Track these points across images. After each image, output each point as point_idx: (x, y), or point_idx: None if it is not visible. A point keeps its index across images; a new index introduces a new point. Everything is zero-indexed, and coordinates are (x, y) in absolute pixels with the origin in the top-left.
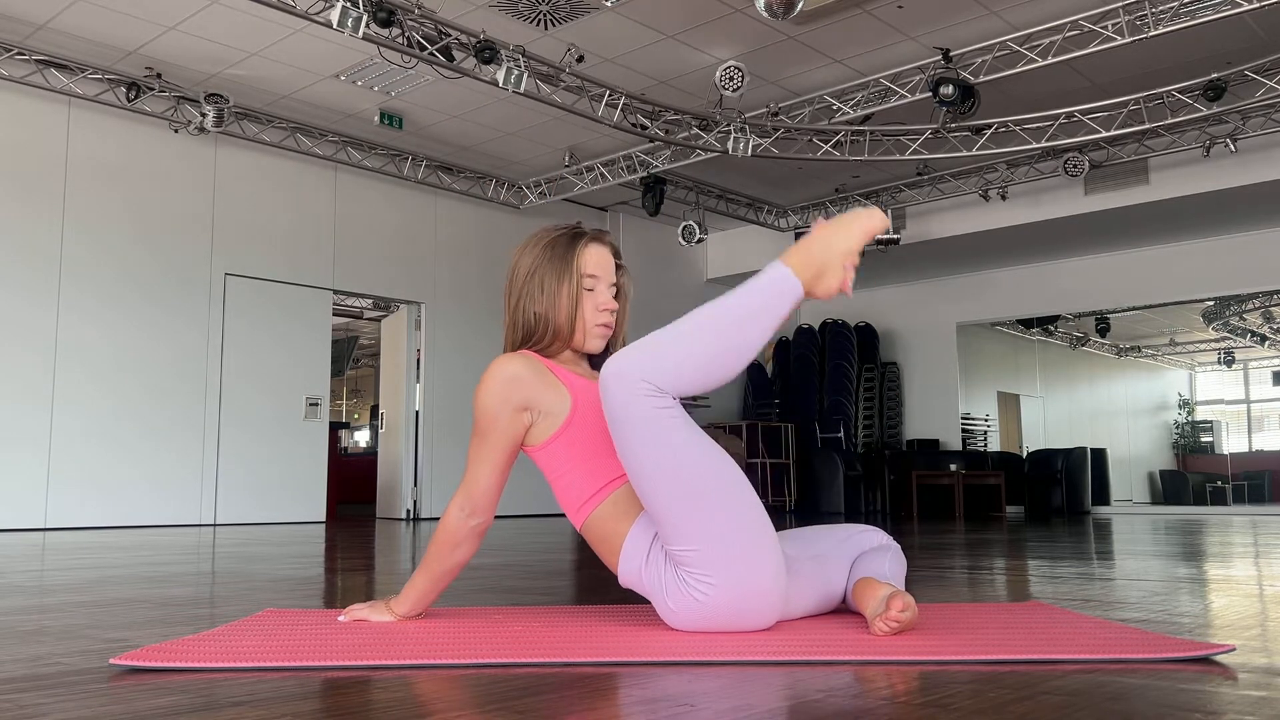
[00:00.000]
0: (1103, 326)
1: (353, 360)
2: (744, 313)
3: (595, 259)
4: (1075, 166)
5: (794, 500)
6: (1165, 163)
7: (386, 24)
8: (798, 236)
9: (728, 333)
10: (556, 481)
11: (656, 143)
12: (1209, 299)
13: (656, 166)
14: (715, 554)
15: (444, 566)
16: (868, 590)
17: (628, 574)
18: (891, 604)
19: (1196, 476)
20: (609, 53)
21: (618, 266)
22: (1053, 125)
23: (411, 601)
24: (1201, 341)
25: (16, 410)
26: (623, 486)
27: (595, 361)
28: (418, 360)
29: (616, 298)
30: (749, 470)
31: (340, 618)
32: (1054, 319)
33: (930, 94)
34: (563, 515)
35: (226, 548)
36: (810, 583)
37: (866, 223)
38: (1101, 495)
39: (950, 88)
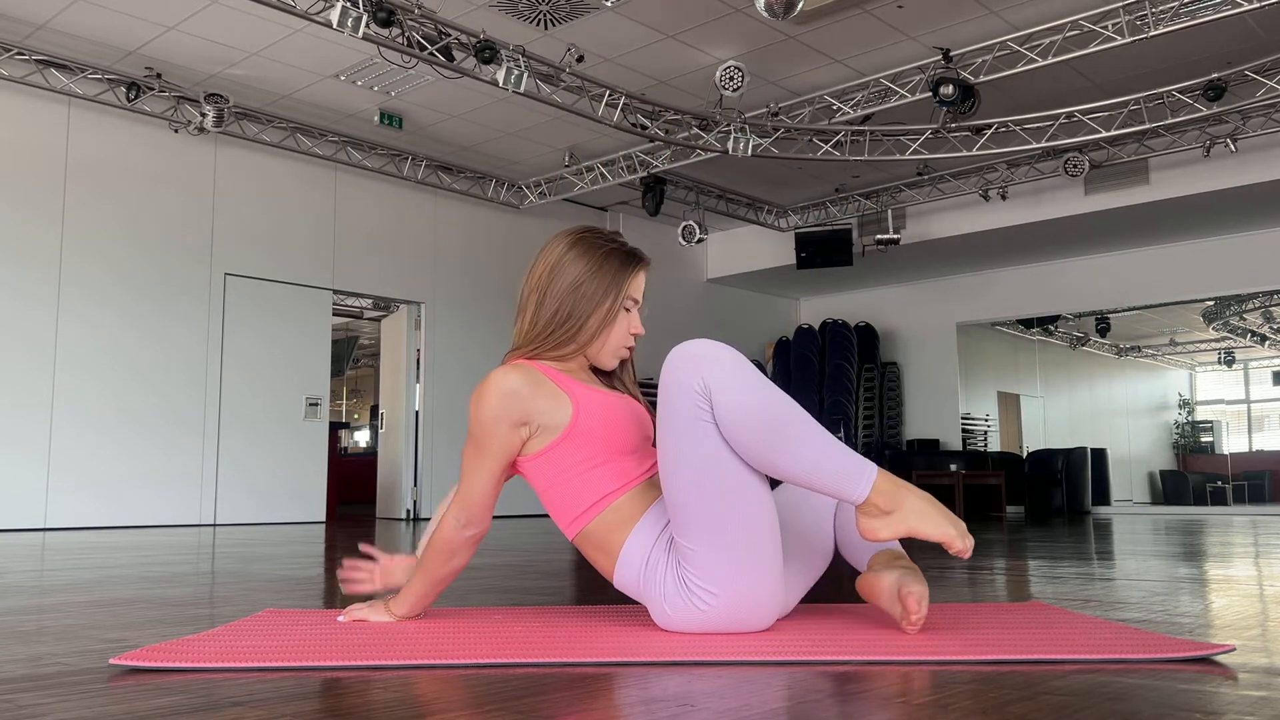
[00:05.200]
0: (1103, 326)
1: (353, 360)
2: (814, 447)
3: (641, 285)
4: (1075, 166)
5: None
6: (1165, 163)
7: (386, 24)
8: (798, 237)
9: (793, 432)
10: (550, 491)
11: (656, 143)
12: (1209, 299)
13: (656, 166)
14: (720, 561)
15: (440, 574)
16: (875, 585)
17: (624, 582)
18: (907, 605)
19: (1197, 476)
20: (609, 53)
21: None
22: (1053, 125)
23: (410, 603)
24: (1201, 341)
25: (16, 409)
26: (621, 498)
27: (603, 377)
28: (417, 360)
29: None
30: None
31: (340, 618)
32: (1054, 319)
33: (930, 94)
34: None
35: (226, 548)
36: (801, 566)
37: (942, 529)
38: (1102, 495)
39: (950, 88)
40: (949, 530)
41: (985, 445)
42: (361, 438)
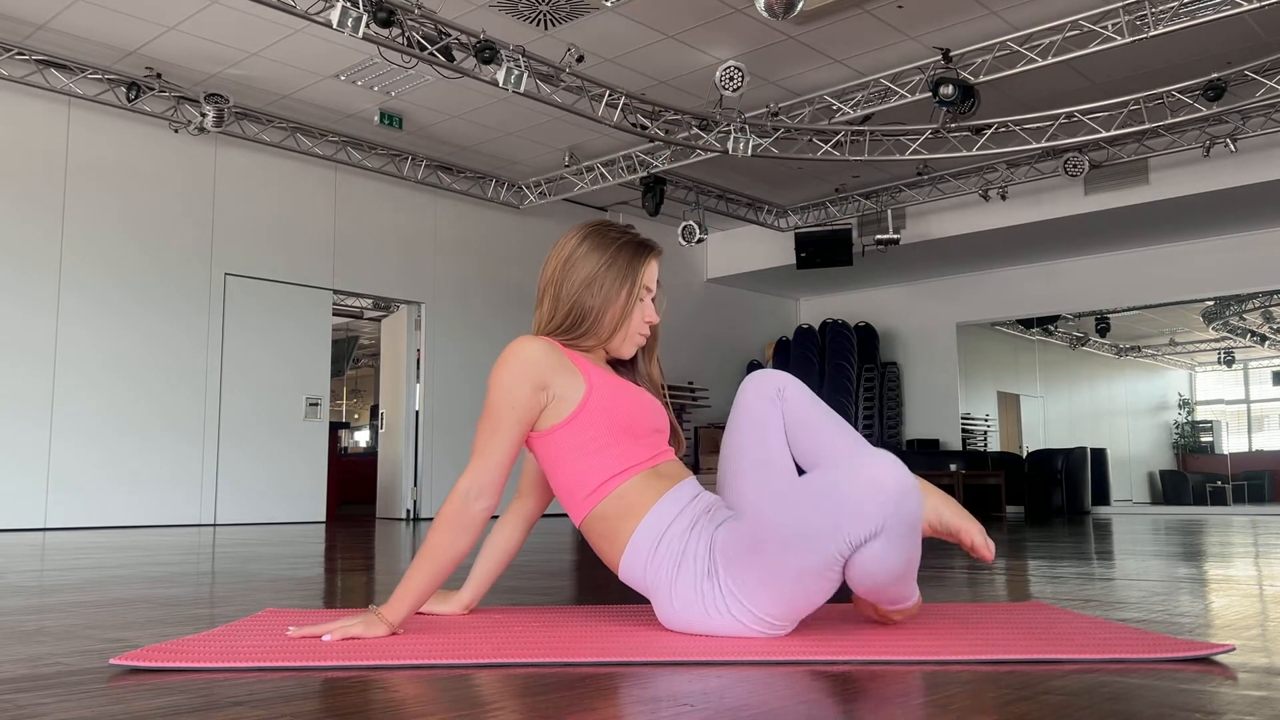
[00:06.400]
0: (1103, 326)
1: (353, 360)
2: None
3: (654, 274)
4: (1075, 166)
5: None
6: (1165, 163)
7: (386, 24)
8: (798, 237)
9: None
10: (559, 471)
11: (656, 143)
12: (1209, 299)
13: (656, 166)
14: (771, 597)
15: (446, 557)
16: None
17: (630, 570)
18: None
19: (1196, 476)
20: (609, 53)
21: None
22: (1053, 125)
23: (409, 603)
24: (1201, 341)
25: (16, 408)
26: (629, 481)
27: (619, 366)
28: (418, 360)
29: None
30: None
31: (325, 637)
32: (1054, 319)
33: (930, 94)
34: (561, 515)
35: (226, 548)
36: None
37: (950, 521)
38: (1101, 495)
39: (950, 88)
40: (950, 516)
41: (985, 445)
42: (361, 438)
